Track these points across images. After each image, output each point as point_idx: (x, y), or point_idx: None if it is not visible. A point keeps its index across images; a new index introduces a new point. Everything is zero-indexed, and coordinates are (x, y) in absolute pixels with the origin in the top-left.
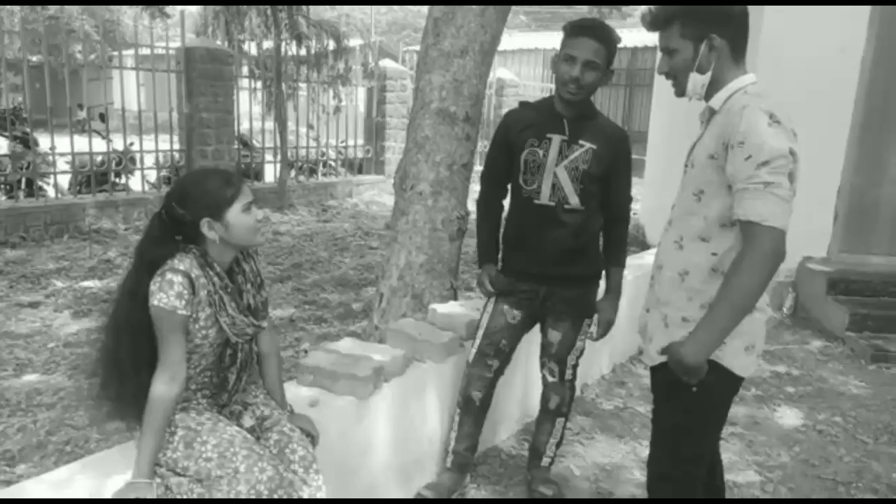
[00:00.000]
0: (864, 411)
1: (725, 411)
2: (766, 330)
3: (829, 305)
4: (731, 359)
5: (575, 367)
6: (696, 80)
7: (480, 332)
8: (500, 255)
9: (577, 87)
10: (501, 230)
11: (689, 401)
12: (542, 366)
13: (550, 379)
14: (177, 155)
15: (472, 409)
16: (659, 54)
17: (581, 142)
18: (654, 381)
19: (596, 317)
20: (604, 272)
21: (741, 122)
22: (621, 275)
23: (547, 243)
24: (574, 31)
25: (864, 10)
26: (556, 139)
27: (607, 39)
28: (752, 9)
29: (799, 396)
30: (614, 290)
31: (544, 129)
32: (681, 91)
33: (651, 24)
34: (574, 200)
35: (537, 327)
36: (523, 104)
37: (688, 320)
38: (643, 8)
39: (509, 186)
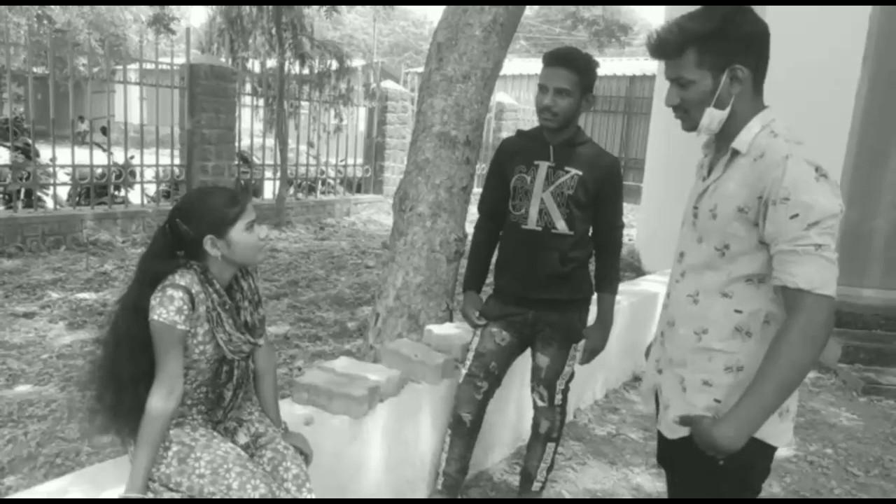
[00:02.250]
0: (856, 444)
1: (759, 485)
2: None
3: None
4: (763, 428)
5: (565, 391)
6: (714, 116)
7: (470, 354)
8: (492, 280)
9: (550, 114)
10: (495, 256)
11: (716, 477)
12: (532, 390)
13: (540, 403)
14: (177, 170)
15: (463, 431)
16: (658, 82)
17: (567, 168)
18: (669, 452)
19: (582, 343)
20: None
21: (784, 176)
22: (612, 302)
23: (534, 267)
24: (545, 60)
25: (860, 44)
26: (543, 165)
27: (577, 66)
28: None
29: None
30: (603, 318)
31: (532, 155)
32: (692, 126)
33: (658, 51)
34: (560, 225)
35: (529, 351)
36: (519, 132)
37: (710, 384)
38: (639, 28)
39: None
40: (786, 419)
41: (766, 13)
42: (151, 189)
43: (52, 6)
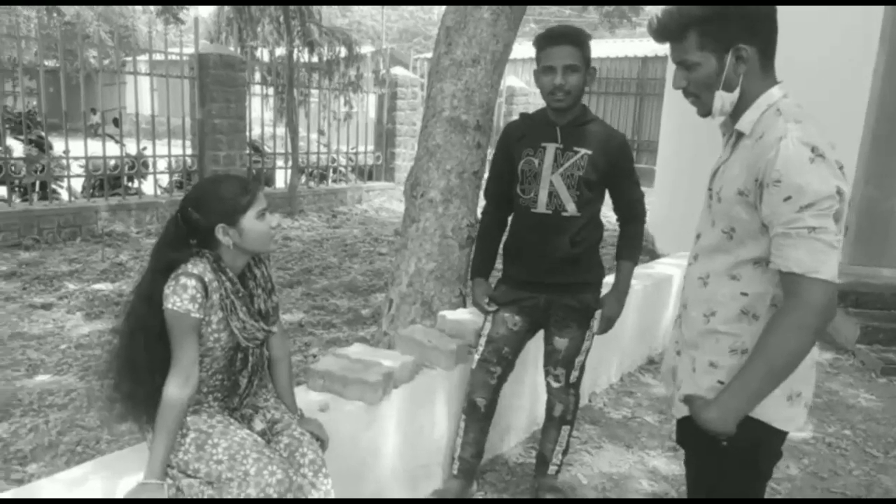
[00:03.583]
0: (874, 424)
1: (768, 469)
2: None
3: (840, 318)
4: (768, 411)
5: (582, 369)
6: (725, 99)
7: (483, 340)
8: (501, 265)
9: (563, 93)
10: (503, 240)
11: (720, 459)
12: (547, 373)
13: (555, 385)
14: (189, 160)
15: (477, 416)
16: (671, 63)
17: (576, 148)
18: (681, 433)
19: (598, 312)
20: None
21: (777, 158)
22: (631, 271)
23: (545, 252)
24: (545, 41)
25: (877, 21)
26: (551, 147)
27: (579, 41)
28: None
29: (809, 408)
30: (621, 285)
31: (538, 138)
32: (705, 111)
33: (659, 34)
34: (571, 207)
35: (539, 335)
36: (523, 115)
37: (715, 366)
38: (647, 10)
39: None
40: (796, 404)
41: None
42: (164, 180)
43: None
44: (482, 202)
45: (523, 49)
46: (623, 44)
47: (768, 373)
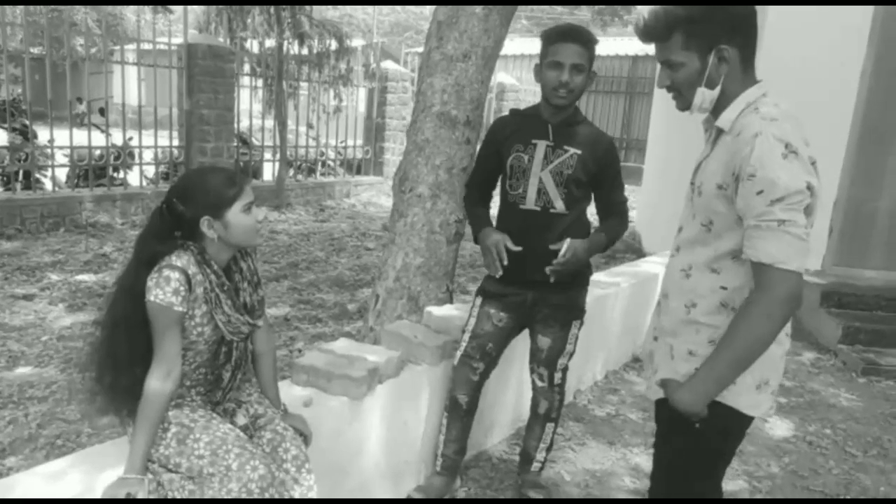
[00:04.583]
0: (854, 424)
1: (731, 450)
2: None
3: (822, 318)
4: (737, 397)
5: (564, 370)
6: (705, 96)
7: (466, 336)
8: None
9: (566, 91)
10: None
11: (691, 440)
12: (532, 371)
13: (540, 384)
14: (176, 151)
15: (459, 413)
16: (658, 64)
17: (566, 147)
18: (657, 415)
19: (565, 242)
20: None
21: (752, 153)
22: (603, 240)
23: (533, 248)
24: (556, 37)
25: (865, 24)
26: (542, 144)
27: (588, 42)
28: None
29: (790, 408)
30: (593, 238)
31: (529, 134)
32: (685, 106)
33: (646, 35)
34: (559, 205)
35: (526, 332)
36: (513, 111)
37: (694, 354)
38: (638, 10)
39: (496, 192)
40: (764, 391)
41: None
42: (150, 171)
43: None
44: None
45: (514, 45)
46: (614, 42)
47: (735, 359)
